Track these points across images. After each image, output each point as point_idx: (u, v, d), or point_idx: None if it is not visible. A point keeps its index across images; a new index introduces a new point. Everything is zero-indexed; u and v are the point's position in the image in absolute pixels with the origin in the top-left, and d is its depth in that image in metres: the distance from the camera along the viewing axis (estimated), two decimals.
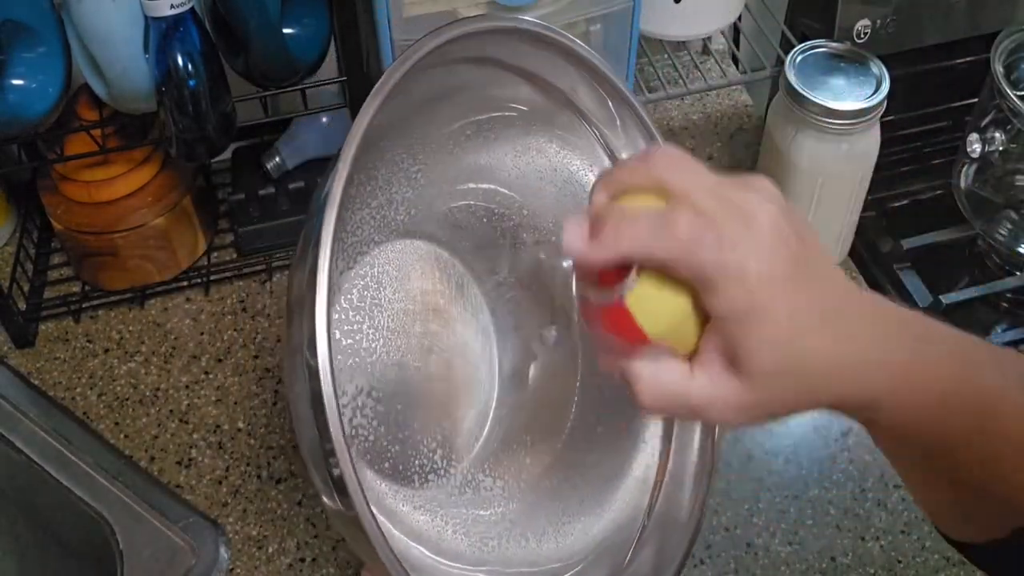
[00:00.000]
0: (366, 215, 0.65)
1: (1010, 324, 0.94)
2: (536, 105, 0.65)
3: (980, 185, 0.98)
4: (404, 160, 0.65)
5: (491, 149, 0.67)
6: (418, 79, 0.53)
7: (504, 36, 0.59)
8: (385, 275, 0.68)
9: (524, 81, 0.63)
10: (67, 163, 0.90)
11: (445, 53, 0.54)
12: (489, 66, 0.61)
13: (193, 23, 0.75)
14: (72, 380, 0.91)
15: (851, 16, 1.00)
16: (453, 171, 0.67)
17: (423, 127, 0.63)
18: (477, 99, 0.64)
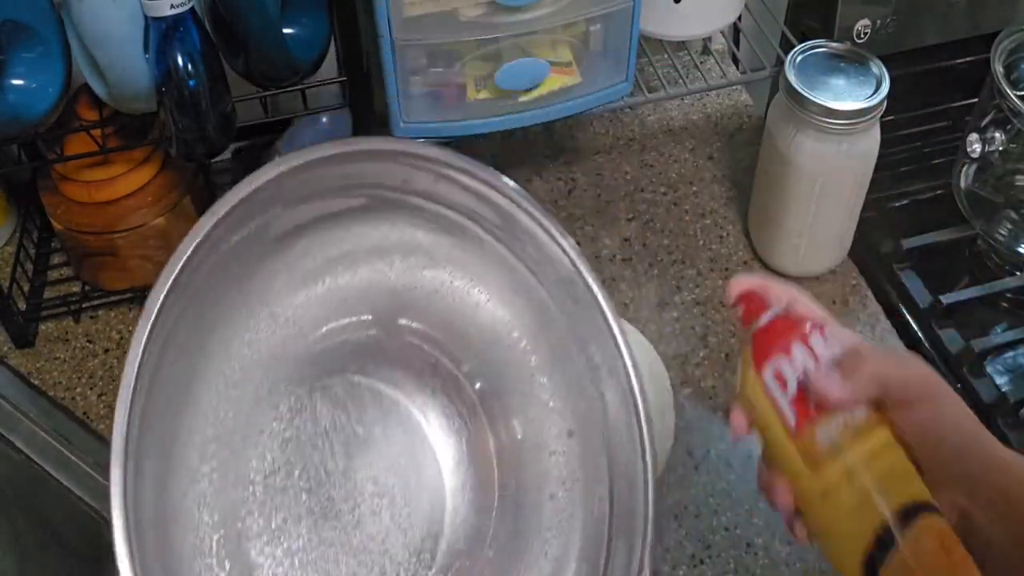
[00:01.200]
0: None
1: (1010, 324, 0.94)
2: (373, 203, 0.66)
3: (980, 185, 0.98)
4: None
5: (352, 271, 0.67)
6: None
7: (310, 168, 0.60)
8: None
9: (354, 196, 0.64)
10: (67, 163, 0.90)
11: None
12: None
13: (193, 23, 0.75)
14: (72, 380, 0.91)
15: (851, 16, 1.01)
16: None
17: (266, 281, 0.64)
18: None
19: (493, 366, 0.69)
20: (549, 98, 0.88)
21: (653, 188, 1.07)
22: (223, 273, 0.60)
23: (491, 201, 0.64)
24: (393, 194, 0.64)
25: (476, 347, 0.69)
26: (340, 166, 0.61)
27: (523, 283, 0.67)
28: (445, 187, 0.64)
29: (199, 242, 0.55)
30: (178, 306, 0.55)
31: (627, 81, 0.91)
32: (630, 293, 0.97)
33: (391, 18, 0.80)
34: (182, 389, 0.61)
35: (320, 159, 0.59)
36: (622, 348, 0.64)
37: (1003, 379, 0.89)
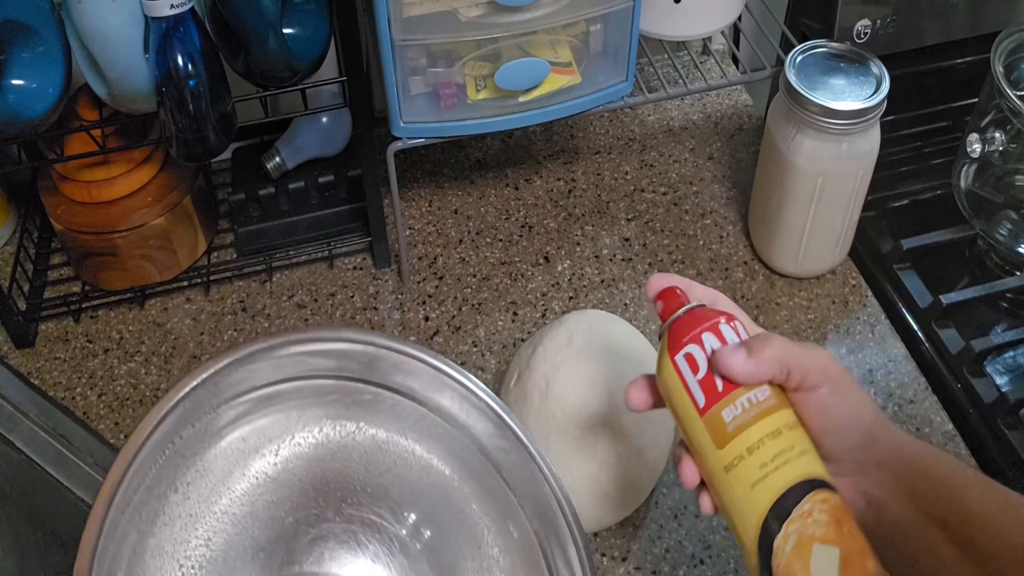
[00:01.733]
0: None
1: (1010, 324, 0.94)
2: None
3: (980, 185, 0.98)
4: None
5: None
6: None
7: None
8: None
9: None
10: (67, 163, 0.90)
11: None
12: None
13: (193, 23, 0.75)
14: (72, 380, 0.91)
15: (851, 16, 1.01)
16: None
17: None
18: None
19: (434, 510, 0.71)
20: (549, 98, 0.88)
21: (653, 188, 1.07)
22: (168, 471, 0.64)
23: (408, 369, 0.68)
24: (327, 381, 0.68)
25: (416, 494, 0.71)
26: (269, 359, 0.65)
27: (447, 435, 0.71)
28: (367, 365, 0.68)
29: (141, 443, 0.59)
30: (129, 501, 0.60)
31: (627, 81, 0.91)
32: (630, 293, 0.97)
33: (391, 18, 0.80)
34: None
35: (245, 356, 0.63)
36: (548, 476, 0.68)
37: (1003, 379, 0.89)
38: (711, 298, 0.59)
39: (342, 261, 1.01)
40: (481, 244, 1.02)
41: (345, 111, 0.99)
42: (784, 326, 0.94)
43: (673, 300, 0.56)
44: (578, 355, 0.78)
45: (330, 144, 1.04)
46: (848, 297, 0.97)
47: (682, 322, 0.55)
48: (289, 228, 1.01)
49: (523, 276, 0.99)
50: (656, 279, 0.58)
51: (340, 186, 1.02)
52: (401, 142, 0.89)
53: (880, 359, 0.92)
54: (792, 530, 0.48)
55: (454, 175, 1.10)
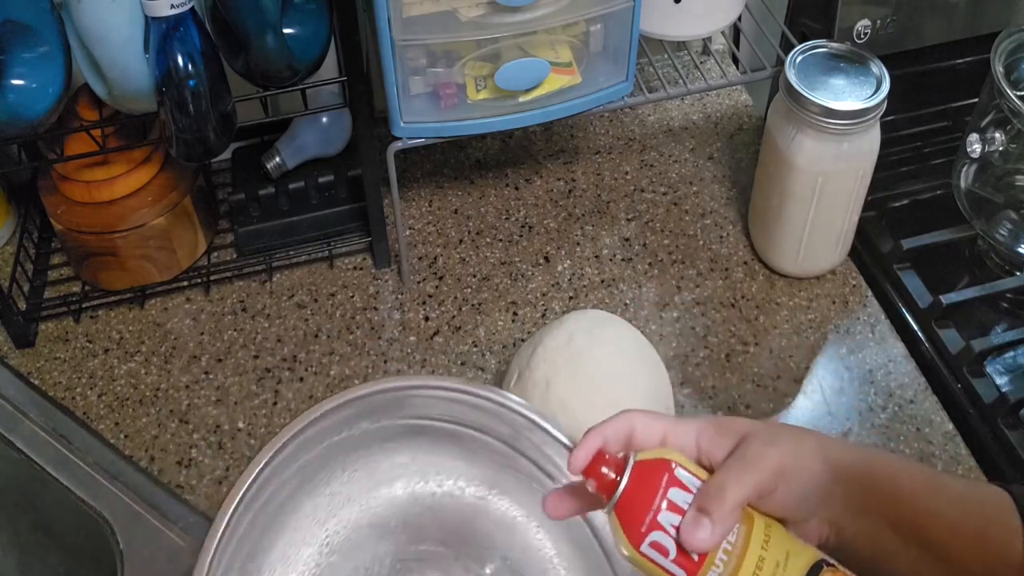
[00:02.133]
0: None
1: (1010, 324, 0.94)
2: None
3: (980, 185, 0.98)
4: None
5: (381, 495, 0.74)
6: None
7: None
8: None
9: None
10: (67, 163, 0.90)
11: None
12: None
13: (193, 23, 0.75)
14: (72, 380, 0.91)
15: (851, 16, 1.01)
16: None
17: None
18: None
19: (515, 561, 0.73)
20: (549, 98, 0.88)
21: (653, 188, 1.07)
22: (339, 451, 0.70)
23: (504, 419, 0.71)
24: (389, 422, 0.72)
25: (498, 546, 0.73)
26: (459, 400, 0.70)
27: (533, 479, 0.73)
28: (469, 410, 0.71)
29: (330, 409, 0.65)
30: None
31: (627, 81, 0.91)
32: (630, 293, 0.97)
33: (391, 18, 0.80)
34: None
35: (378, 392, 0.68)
36: None
37: (1003, 379, 0.89)
38: (627, 431, 0.55)
39: (342, 261, 1.01)
40: (481, 244, 1.02)
41: (345, 111, 0.99)
42: (784, 326, 0.94)
43: (602, 475, 0.52)
44: (578, 355, 0.78)
45: (330, 144, 1.04)
46: (848, 297, 0.97)
47: (628, 506, 0.51)
48: (289, 228, 1.01)
49: (523, 276, 0.99)
50: (574, 459, 0.53)
51: (340, 186, 1.02)
52: (401, 142, 0.89)
53: (880, 359, 0.92)
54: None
55: (454, 175, 1.10)
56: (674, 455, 0.52)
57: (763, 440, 0.53)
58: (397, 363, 0.92)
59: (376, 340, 0.94)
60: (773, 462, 0.52)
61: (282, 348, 0.94)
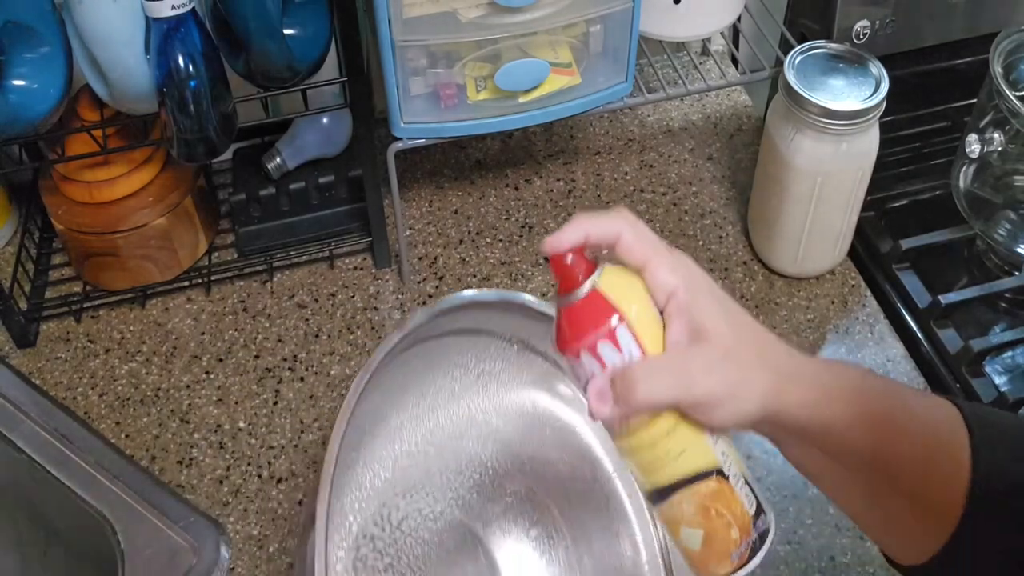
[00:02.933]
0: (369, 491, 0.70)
1: (1009, 324, 0.94)
2: (520, 363, 0.73)
3: (979, 185, 0.98)
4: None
5: (491, 407, 0.74)
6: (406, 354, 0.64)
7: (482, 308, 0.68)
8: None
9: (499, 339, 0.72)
10: (68, 163, 0.90)
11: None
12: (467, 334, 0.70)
13: (194, 24, 0.75)
14: (73, 380, 0.92)
15: (850, 17, 1.01)
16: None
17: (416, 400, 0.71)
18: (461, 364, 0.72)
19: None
20: (549, 98, 0.88)
21: (653, 188, 1.08)
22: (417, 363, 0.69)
23: None
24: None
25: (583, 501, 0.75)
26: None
27: None
28: None
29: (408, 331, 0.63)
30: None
31: (627, 82, 0.92)
32: None
33: (391, 19, 0.80)
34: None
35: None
36: None
37: (1002, 379, 0.89)
38: (613, 236, 0.51)
39: (343, 261, 1.01)
40: (481, 244, 1.03)
41: (346, 111, 0.99)
42: (783, 326, 0.95)
43: (566, 273, 0.51)
44: None
45: (331, 144, 1.04)
46: (847, 297, 0.97)
47: (570, 318, 0.51)
48: (290, 228, 1.01)
49: (523, 276, 0.99)
50: (557, 238, 0.50)
51: (340, 186, 1.03)
52: (401, 142, 0.89)
53: (879, 359, 0.92)
54: (667, 512, 0.53)
55: (454, 175, 1.10)
56: (633, 301, 0.50)
57: (715, 357, 0.50)
58: None
59: (377, 340, 0.94)
60: (704, 390, 0.49)
61: (283, 348, 0.94)
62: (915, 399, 0.54)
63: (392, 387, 0.66)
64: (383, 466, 0.69)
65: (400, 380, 0.67)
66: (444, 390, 0.71)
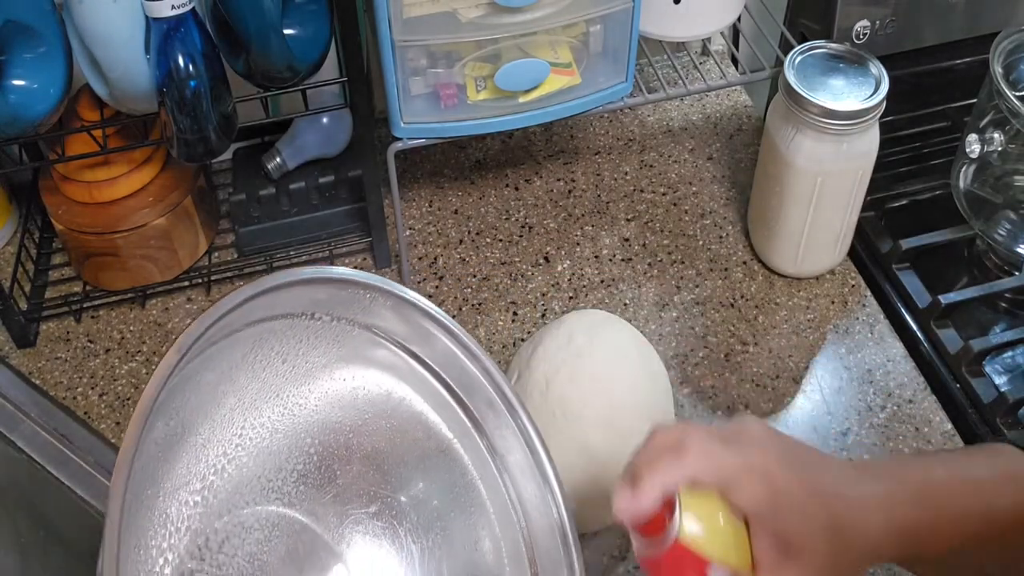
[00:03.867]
0: (185, 501, 0.64)
1: (1009, 324, 0.94)
2: (330, 337, 0.68)
3: (979, 185, 0.98)
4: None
5: (303, 391, 0.69)
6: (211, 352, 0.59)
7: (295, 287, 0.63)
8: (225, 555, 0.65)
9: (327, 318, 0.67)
10: (68, 163, 0.90)
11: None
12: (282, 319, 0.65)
13: (194, 24, 0.75)
14: (73, 380, 0.92)
15: (850, 17, 1.01)
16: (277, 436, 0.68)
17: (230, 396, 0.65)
18: (284, 352, 0.67)
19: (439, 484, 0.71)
20: (549, 98, 0.88)
21: (653, 188, 1.08)
22: (200, 379, 0.62)
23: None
24: (347, 325, 0.68)
25: (421, 468, 0.71)
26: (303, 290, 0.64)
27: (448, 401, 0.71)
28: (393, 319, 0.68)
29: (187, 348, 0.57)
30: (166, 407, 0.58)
31: (627, 82, 0.92)
32: (630, 293, 0.97)
33: (391, 19, 0.80)
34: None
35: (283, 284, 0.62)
36: (537, 447, 0.69)
37: (1002, 379, 0.89)
38: (684, 480, 0.51)
39: (343, 261, 1.01)
40: (481, 244, 1.03)
41: (346, 112, 0.99)
42: (783, 326, 0.95)
43: (646, 526, 0.51)
44: (578, 355, 0.79)
45: (331, 144, 1.04)
46: (847, 297, 0.97)
47: (662, 566, 0.51)
48: (290, 228, 1.01)
49: (523, 276, 1.00)
50: (635, 504, 0.50)
51: (341, 186, 1.03)
52: (401, 142, 0.89)
53: (879, 359, 0.92)
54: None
55: (454, 175, 1.10)
56: (717, 539, 0.50)
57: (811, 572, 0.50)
58: None
59: None
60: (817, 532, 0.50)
61: None
62: (984, 468, 0.55)
63: (184, 405, 0.61)
64: (190, 490, 0.63)
65: (193, 395, 0.62)
66: (248, 388, 0.66)
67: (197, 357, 0.58)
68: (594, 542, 0.80)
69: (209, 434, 0.64)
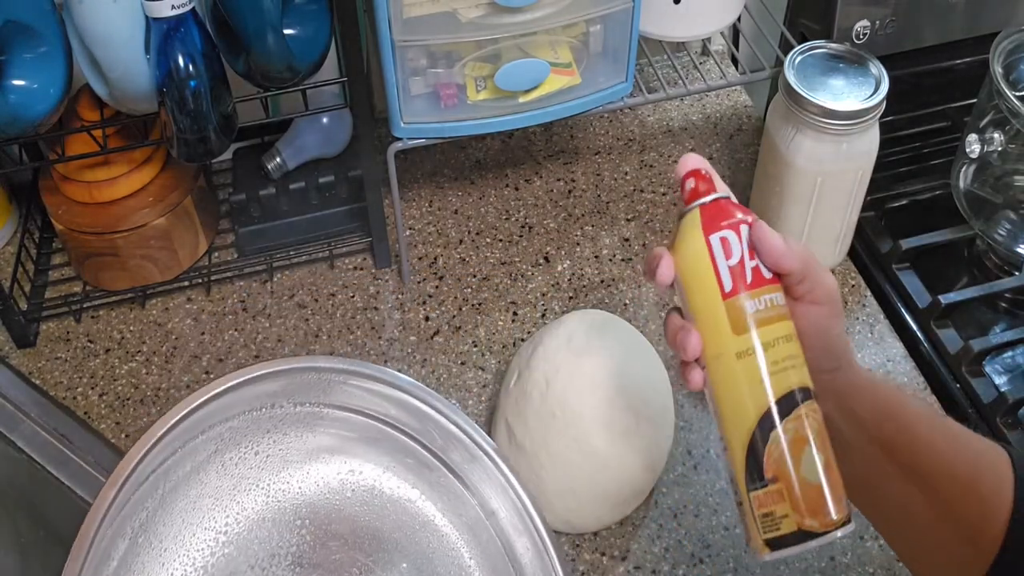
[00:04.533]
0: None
1: (1009, 324, 0.94)
2: (299, 422, 0.69)
3: (979, 185, 0.98)
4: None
5: (284, 476, 0.70)
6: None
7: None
8: None
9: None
10: (68, 163, 0.90)
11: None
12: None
13: (194, 24, 0.75)
14: (73, 380, 0.92)
15: (850, 17, 1.01)
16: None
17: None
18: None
19: (423, 559, 0.71)
20: (549, 98, 0.88)
21: (653, 188, 1.08)
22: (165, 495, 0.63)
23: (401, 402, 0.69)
24: (312, 408, 0.68)
25: (404, 547, 0.70)
26: (262, 385, 0.65)
27: (428, 465, 0.71)
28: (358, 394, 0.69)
29: (135, 465, 0.59)
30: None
31: (627, 82, 0.92)
32: (630, 293, 0.97)
33: (391, 19, 0.80)
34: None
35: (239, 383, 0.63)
36: (528, 505, 0.69)
37: (1002, 379, 0.89)
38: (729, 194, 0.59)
39: (343, 261, 1.01)
40: (481, 244, 1.03)
41: (346, 112, 0.99)
42: None
43: (706, 184, 0.56)
44: (578, 355, 0.79)
45: (331, 144, 1.04)
46: (847, 297, 0.97)
47: (718, 207, 0.55)
48: (290, 228, 1.01)
49: (523, 276, 1.00)
50: (690, 159, 0.57)
51: (341, 186, 1.03)
52: (401, 142, 0.89)
53: (879, 359, 0.92)
54: (790, 428, 0.52)
55: (454, 175, 1.10)
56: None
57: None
58: (397, 363, 0.92)
59: (376, 340, 0.94)
60: (833, 287, 0.57)
61: (283, 348, 0.94)
62: (967, 431, 0.57)
63: (149, 519, 0.62)
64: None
65: (157, 506, 0.63)
66: (222, 486, 0.67)
67: (151, 474, 0.59)
68: (594, 542, 0.80)
69: (186, 539, 0.64)
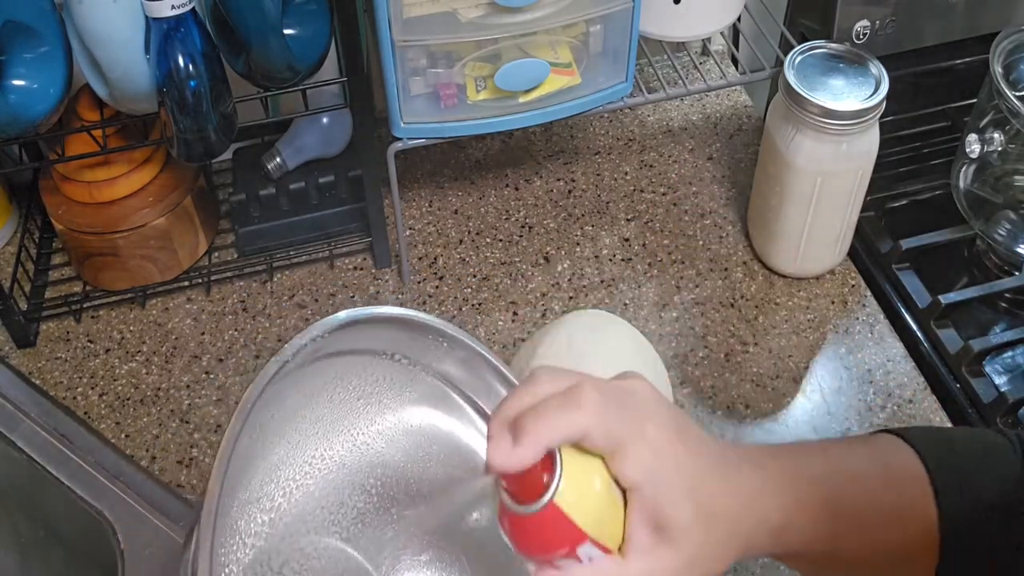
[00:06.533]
0: (254, 521, 0.64)
1: (1009, 324, 0.94)
2: (404, 380, 0.68)
3: (979, 185, 0.98)
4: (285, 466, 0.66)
5: (373, 430, 0.69)
6: (288, 382, 0.60)
7: (367, 325, 0.63)
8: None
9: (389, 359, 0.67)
10: (68, 163, 0.90)
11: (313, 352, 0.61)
12: (353, 355, 0.65)
13: (194, 24, 0.75)
14: (73, 380, 0.92)
15: (850, 17, 1.01)
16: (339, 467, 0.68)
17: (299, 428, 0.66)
18: (351, 388, 0.67)
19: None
20: (549, 98, 0.88)
21: (653, 188, 1.08)
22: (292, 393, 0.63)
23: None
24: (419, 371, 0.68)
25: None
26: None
27: None
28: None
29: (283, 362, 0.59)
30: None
31: (627, 82, 0.92)
32: (630, 293, 0.97)
33: (391, 19, 0.80)
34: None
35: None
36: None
37: (1002, 379, 0.89)
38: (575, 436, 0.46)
39: (342, 261, 1.01)
40: (481, 244, 1.03)
41: (346, 111, 0.99)
42: (783, 326, 0.95)
43: (521, 483, 0.45)
44: (578, 355, 0.79)
45: (331, 144, 1.04)
46: (847, 297, 0.97)
47: (532, 529, 0.46)
48: (290, 228, 1.01)
49: (523, 276, 1.00)
50: (515, 455, 0.44)
51: (340, 186, 1.03)
52: (401, 142, 0.89)
53: (879, 359, 0.92)
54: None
55: (454, 175, 1.10)
56: (591, 508, 0.46)
57: (680, 565, 0.47)
58: None
59: None
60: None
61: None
62: (865, 463, 0.53)
63: (268, 421, 0.62)
64: (260, 508, 0.63)
65: (277, 413, 0.62)
66: (324, 419, 0.66)
67: (286, 377, 0.59)
68: None
69: (284, 456, 0.64)
